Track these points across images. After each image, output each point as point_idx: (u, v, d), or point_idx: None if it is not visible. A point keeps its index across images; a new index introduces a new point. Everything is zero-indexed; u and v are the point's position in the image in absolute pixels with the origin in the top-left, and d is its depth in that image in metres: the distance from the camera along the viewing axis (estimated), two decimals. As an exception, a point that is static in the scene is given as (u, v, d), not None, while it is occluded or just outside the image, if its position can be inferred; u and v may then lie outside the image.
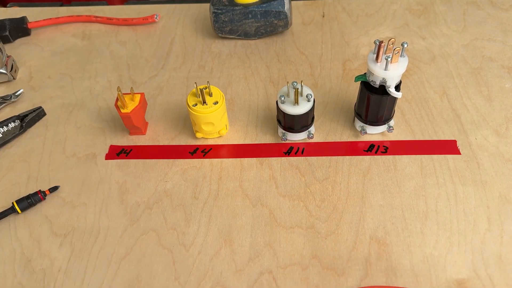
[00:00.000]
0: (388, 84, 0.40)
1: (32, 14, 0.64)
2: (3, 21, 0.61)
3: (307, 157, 0.45)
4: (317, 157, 0.45)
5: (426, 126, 0.47)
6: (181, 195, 0.43)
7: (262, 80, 0.54)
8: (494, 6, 0.62)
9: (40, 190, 0.43)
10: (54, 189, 0.44)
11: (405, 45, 0.40)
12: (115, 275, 0.38)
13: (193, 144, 0.48)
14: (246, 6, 0.55)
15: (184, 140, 0.48)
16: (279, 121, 0.45)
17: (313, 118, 0.46)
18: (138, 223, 0.41)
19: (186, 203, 0.43)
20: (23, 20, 0.62)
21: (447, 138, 0.46)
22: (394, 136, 0.47)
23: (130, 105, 0.45)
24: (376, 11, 0.63)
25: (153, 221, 0.41)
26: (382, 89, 0.41)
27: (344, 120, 0.49)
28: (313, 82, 0.53)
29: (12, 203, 0.42)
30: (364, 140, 0.47)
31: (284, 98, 0.42)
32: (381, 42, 0.39)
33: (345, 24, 0.61)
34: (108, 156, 0.47)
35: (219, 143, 0.47)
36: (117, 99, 0.45)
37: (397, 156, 0.45)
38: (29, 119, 0.50)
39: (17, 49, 0.61)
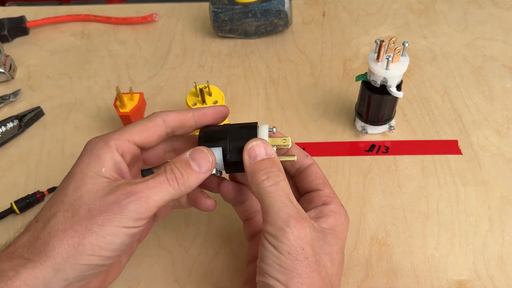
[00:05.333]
0: (389, 83, 0.40)
1: (30, 13, 0.64)
2: (1, 20, 0.61)
3: (307, 157, 0.45)
4: (317, 157, 0.45)
5: (427, 126, 0.47)
6: (180, 195, 0.43)
7: (262, 79, 0.54)
8: (495, 5, 0.62)
9: (38, 191, 0.43)
10: (52, 189, 0.43)
11: (406, 45, 0.39)
12: (114, 276, 0.38)
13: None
14: (246, 5, 0.55)
15: (183, 140, 0.48)
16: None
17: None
18: (137, 224, 0.41)
19: (185, 203, 0.42)
20: (21, 19, 0.61)
21: (448, 138, 0.46)
22: (395, 136, 0.46)
23: (129, 105, 0.45)
24: (377, 10, 0.62)
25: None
26: (383, 89, 0.41)
27: (344, 120, 0.48)
28: (314, 82, 0.53)
29: (11, 203, 0.42)
30: (365, 140, 0.46)
31: None
32: (382, 41, 0.39)
33: (345, 23, 0.61)
34: (107, 156, 0.47)
35: (219, 143, 0.47)
36: (116, 99, 0.45)
37: (398, 156, 0.45)
38: (27, 119, 0.50)
39: (16, 48, 0.60)
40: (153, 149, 0.34)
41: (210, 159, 0.30)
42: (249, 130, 0.31)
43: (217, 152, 0.31)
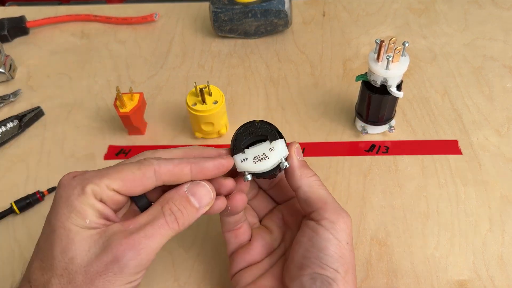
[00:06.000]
0: (389, 83, 0.40)
1: (30, 13, 0.64)
2: (1, 20, 0.61)
3: (307, 158, 0.45)
4: (317, 157, 0.45)
5: (428, 126, 0.47)
6: (180, 195, 0.43)
7: (262, 79, 0.54)
8: (495, 5, 0.62)
9: (38, 191, 0.43)
10: (52, 189, 0.43)
11: (406, 44, 0.39)
12: (114, 277, 0.38)
13: (193, 144, 0.47)
14: (246, 5, 0.55)
15: (183, 140, 0.48)
16: None
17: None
18: (137, 224, 0.41)
19: (185, 203, 0.42)
20: (21, 19, 0.61)
21: (448, 138, 0.46)
22: (395, 136, 0.46)
23: (129, 105, 0.45)
24: (377, 10, 0.62)
25: (153, 222, 0.41)
26: (383, 89, 0.41)
27: (344, 120, 0.48)
28: (314, 82, 0.53)
29: (11, 203, 0.42)
30: (365, 140, 0.46)
31: None
32: (382, 41, 0.39)
33: (345, 23, 0.61)
34: (107, 156, 0.47)
35: (219, 143, 0.47)
36: (116, 99, 0.45)
37: (398, 156, 0.45)
38: (27, 119, 0.50)
39: (16, 48, 0.60)
40: None
41: (212, 194, 0.28)
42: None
43: (281, 146, 0.30)
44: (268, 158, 0.30)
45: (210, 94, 0.44)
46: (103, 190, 0.25)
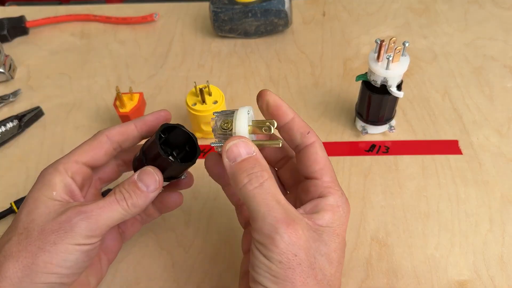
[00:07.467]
0: (389, 83, 0.40)
1: (30, 13, 0.64)
2: (1, 20, 0.61)
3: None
4: (317, 157, 0.45)
5: (428, 126, 0.47)
6: (180, 195, 0.43)
7: (262, 79, 0.54)
8: (496, 5, 0.62)
9: (38, 191, 0.43)
10: (52, 189, 0.43)
11: (406, 44, 0.39)
12: (113, 278, 0.38)
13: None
14: (246, 5, 0.55)
15: (183, 140, 0.48)
16: None
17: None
18: (137, 224, 0.41)
19: (185, 203, 0.42)
20: (21, 19, 0.61)
21: (448, 138, 0.46)
22: (395, 136, 0.46)
23: (129, 105, 0.45)
24: (377, 10, 0.62)
25: (152, 222, 0.41)
26: (383, 89, 0.41)
27: (345, 120, 0.48)
28: (314, 82, 0.53)
29: (11, 203, 0.42)
30: (365, 140, 0.46)
31: None
32: (382, 41, 0.39)
33: (346, 23, 0.61)
34: (107, 156, 0.47)
35: (219, 143, 0.47)
36: (115, 99, 0.45)
37: (398, 156, 0.44)
38: (27, 119, 0.50)
39: (15, 48, 0.60)
40: (105, 166, 0.35)
41: (157, 178, 0.30)
42: (154, 144, 0.30)
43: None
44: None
45: (210, 94, 0.44)
46: (72, 165, 0.31)
